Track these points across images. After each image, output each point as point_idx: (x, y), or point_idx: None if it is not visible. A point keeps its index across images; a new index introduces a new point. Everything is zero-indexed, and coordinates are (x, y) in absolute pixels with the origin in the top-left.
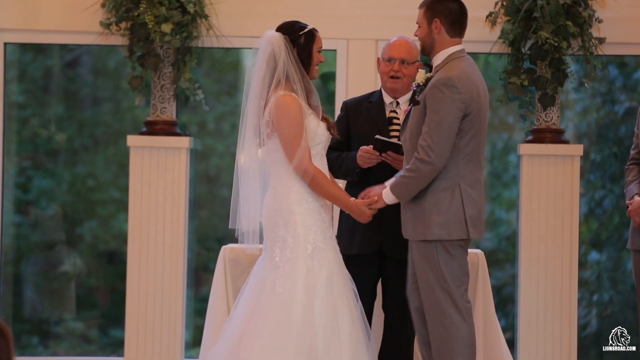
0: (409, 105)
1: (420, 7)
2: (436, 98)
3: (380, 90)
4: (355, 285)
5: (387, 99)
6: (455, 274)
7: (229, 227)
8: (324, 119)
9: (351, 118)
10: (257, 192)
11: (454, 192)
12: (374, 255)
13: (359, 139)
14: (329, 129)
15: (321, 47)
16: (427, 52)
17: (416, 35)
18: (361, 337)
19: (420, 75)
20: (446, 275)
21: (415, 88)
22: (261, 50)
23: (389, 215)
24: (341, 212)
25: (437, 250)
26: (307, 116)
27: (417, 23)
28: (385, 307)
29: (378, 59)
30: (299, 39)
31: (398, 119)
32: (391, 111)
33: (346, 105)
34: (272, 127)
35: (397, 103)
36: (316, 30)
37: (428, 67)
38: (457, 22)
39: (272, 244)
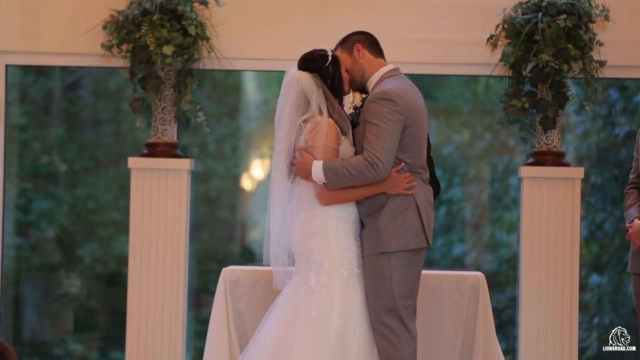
0: (352, 127)
1: (335, 50)
2: (373, 111)
3: None
4: None
5: None
6: (406, 286)
7: (264, 264)
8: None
9: None
10: (286, 225)
11: (410, 207)
12: None
13: None
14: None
15: (345, 63)
16: (358, 83)
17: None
18: None
19: (357, 98)
20: (395, 291)
21: (353, 110)
22: (290, 90)
23: None
24: None
25: (392, 262)
26: (342, 141)
27: None
28: None
29: None
30: (328, 70)
31: None
32: None
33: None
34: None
35: None
36: (334, 51)
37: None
38: (375, 45)
39: (306, 269)
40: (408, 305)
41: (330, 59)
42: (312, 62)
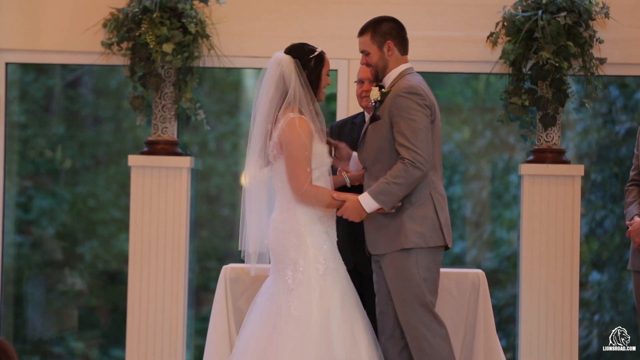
0: (369, 123)
1: (363, 33)
2: (404, 106)
3: (363, 112)
4: None
5: (367, 118)
6: (432, 283)
7: (238, 249)
8: (327, 142)
9: (334, 139)
10: (262, 214)
11: (428, 201)
12: (352, 273)
13: None
14: (331, 152)
15: (329, 70)
16: (380, 76)
17: (365, 63)
18: (376, 355)
19: (375, 92)
20: (424, 286)
21: (373, 104)
22: (270, 72)
23: (361, 232)
24: None
25: (417, 259)
26: (314, 139)
27: (363, 51)
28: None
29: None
30: (310, 62)
31: None
32: None
33: (331, 128)
34: (279, 149)
35: None
36: (325, 53)
37: (379, 86)
38: (404, 39)
39: (283, 267)
40: (434, 302)
41: (316, 54)
42: (297, 50)
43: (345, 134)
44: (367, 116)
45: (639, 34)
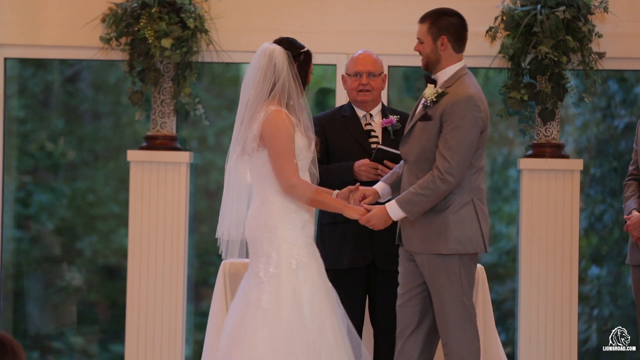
0: (419, 120)
1: (423, 21)
2: (458, 115)
3: (349, 105)
4: (344, 300)
5: (360, 112)
6: (471, 286)
7: (215, 237)
8: (309, 136)
9: (328, 133)
10: (240, 202)
11: (469, 207)
12: (363, 269)
13: (339, 152)
14: (311, 145)
15: (312, 70)
16: (430, 68)
17: (417, 50)
18: (344, 353)
19: (430, 91)
20: (467, 288)
21: (427, 104)
22: (259, 61)
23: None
24: (324, 227)
25: (460, 263)
26: (295, 133)
27: (418, 38)
28: (374, 322)
29: (343, 76)
30: (300, 56)
31: (374, 131)
32: (366, 124)
33: (320, 120)
34: (259, 142)
35: (370, 115)
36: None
37: (431, 80)
38: (461, 39)
39: (256, 260)
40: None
41: (305, 50)
42: (288, 43)
43: (338, 128)
44: (360, 111)
45: (638, 28)
